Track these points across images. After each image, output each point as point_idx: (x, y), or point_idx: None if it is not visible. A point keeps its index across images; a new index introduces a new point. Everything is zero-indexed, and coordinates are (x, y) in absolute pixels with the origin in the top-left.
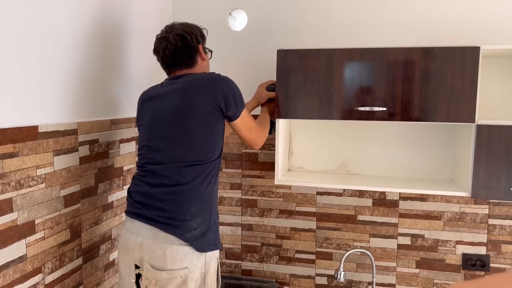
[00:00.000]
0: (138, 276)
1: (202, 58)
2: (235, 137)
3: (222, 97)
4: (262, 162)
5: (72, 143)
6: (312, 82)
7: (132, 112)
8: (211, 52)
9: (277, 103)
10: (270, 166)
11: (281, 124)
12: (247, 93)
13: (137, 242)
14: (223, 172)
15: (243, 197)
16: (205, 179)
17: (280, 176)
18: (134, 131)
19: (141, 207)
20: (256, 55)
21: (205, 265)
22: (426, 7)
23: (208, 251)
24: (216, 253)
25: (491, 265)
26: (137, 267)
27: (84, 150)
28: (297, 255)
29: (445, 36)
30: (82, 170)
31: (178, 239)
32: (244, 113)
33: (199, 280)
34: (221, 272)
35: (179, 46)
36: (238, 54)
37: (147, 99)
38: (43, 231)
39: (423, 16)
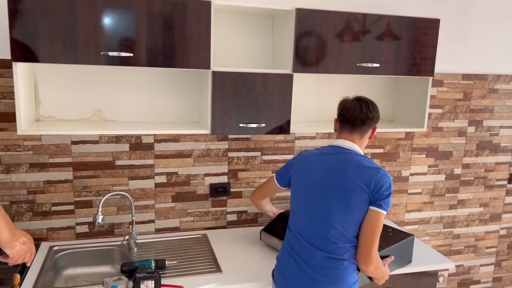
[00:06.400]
0: None
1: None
2: None
3: None
4: (2, 113)
5: None
6: (53, 23)
7: None
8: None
9: (12, 44)
10: (13, 117)
11: (22, 68)
12: None
13: None
14: None
15: None
16: None
17: (25, 127)
18: None
19: None
20: None
21: None
22: None
23: None
24: None
25: (231, 190)
26: None
27: None
28: (54, 208)
29: None
30: None
31: None
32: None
33: None
34: None
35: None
36: None
37: None
38: None
39: None
